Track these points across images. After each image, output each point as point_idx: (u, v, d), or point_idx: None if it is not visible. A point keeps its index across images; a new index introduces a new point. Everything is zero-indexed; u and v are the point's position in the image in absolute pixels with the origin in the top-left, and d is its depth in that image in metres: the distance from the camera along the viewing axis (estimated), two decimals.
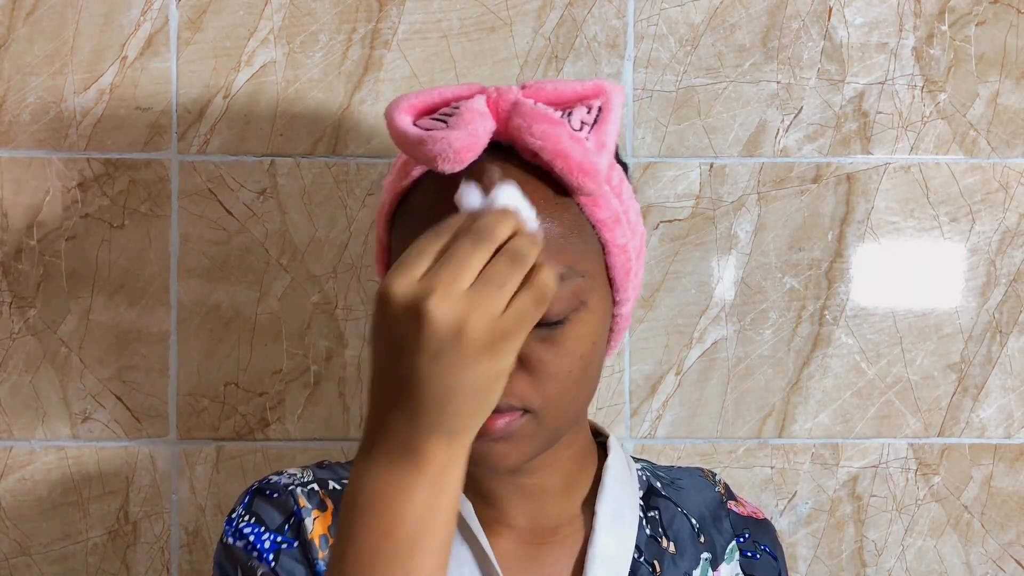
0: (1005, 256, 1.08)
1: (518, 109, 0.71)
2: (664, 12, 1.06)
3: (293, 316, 1.06)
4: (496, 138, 0.72)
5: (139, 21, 1.05)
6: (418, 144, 0.70)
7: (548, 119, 0.70)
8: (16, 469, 1.05)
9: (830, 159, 1.08)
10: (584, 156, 0.69)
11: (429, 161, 0.70)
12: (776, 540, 0.90)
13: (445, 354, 0.58)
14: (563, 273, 0.70)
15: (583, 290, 0.72)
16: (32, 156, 1.05)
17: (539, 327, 0.70)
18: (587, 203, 0.73)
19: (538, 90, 0.73)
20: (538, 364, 0.71)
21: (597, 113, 0.72)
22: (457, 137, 0.69)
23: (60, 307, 1.05)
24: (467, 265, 0.59)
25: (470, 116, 0.70)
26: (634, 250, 0.77)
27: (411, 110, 0.74)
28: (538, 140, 0.69)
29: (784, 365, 1.08)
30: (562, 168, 0.70)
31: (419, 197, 0.74)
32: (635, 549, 0.81)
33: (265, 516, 0.79)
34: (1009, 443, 1.09)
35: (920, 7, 1.07)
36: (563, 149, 0.69)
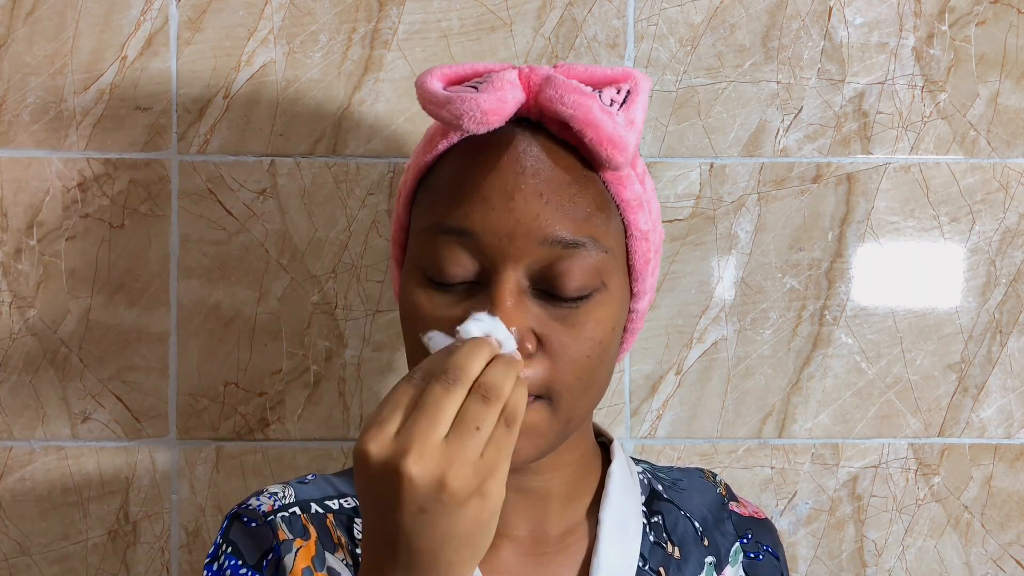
0: (1005, 256, 1.08)
1: (550, 81, 0.71)
2: (664, 12, 1.06)
3: (293, 316, 1.06)
4: (525, 114, 0.73)
5: (139, 21, 1.05)
6: (446, 103, 0.70)
7: (579, 91, 0.70)
8: (16, 469, 1.05)
9: (830, 159, 1.08)
10: (614, 128, 0.70)
11: (456, 119, 0.69)
12: (777, 540, 0.89)
13: (430, 509, 0.58)
14: (585, 243, 0.71)
15: (605, 268, 0.72)
16: (32, 156, 1.05)
17: (558, 304, 0.70)
18: (613, 181, 0.73)
19: (569, 69, 0.74)
20: (558, 346, 0.71)
21: (626, 95, 0.73)
22: (485, 99, 0.69)
23: (60, 307, 1.05)
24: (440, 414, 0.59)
25: (500, 84, 0.70)
26: (654, 243, 0.78)
27: (443, 78, 0.74)
28: (569, 109, 0.70)
29: (784, 365, 1.08)
30: (592, 138, 0.70)
31: (442, 170, 0.74)
32: (640, 557, 0.80)
33: (243, 548, 0.77)
34: (1009, 443, 1.09)
35: (920, 7, 1.07)
36: (594, 119, 0.70)
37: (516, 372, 0.63)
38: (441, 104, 0.70)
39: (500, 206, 0.70)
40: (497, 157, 0.71)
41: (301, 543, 0.77)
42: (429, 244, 0.72)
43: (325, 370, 1.06)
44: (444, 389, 0.60)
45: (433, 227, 0.72)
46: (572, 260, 0.70)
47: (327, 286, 1.06)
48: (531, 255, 0.70)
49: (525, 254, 0.70)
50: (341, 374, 1.06)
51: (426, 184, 0.76)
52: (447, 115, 0.70)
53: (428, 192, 0.75)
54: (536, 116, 0.73)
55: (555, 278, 0.70)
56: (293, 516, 0.78)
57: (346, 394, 1.06)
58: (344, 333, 1.06)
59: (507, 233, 0.70)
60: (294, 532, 0.77)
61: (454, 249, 0.71)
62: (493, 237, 0.70)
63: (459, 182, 0.72)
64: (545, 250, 0.70)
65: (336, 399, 1.06)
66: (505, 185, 0.70)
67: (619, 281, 0.74)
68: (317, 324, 1.06)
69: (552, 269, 0.70)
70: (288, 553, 0.76)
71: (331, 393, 1.06)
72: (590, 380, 0.73)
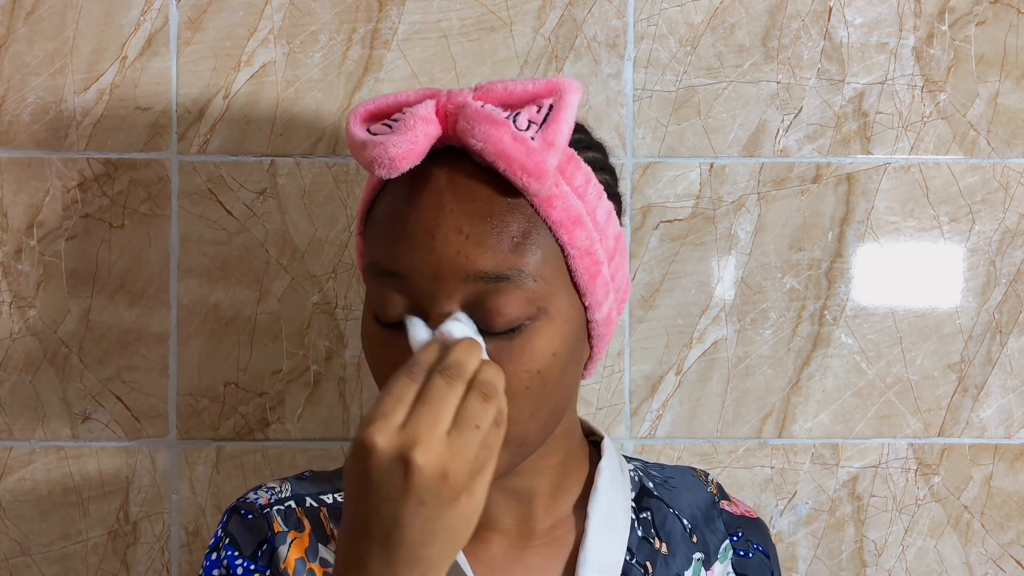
0: (1005, 256, 1.08)
1: (464, 111, 0.70)
2: (664, 12, 1.06)
3: (293, 316, 1.06)
4: (448, 142, 0.72)
5: (139, 21, 1.05)
6: (360, 148, 0.71)
7: (491, 119, 0.69)
8: (16, 469, 1.05)
9: (830, 159, 1.08)
10: (527, 156, 0.68)
11: (368, 166, 0.70)
12: (769, 539, 0.89)
13: (429, 501, 0.60)
14: (511, 275, 0.69)
15: (537, 295, 0.70)
16: (32, 156, 1.05)
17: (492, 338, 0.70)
18: (541, 204, 0.71)
19: (488, 91, 0.72)
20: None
21: (547, 111, 0.70)
22: (394, 143, 0.69)
23: (60, 307, 1.05)
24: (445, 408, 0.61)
25: (412, 122, 0.70)
26: (604, 252, 0.75)
27: (364, 115, 0.75)
28: (479, 142, 0.69)
29: (784, 365, 1.08)
30: (504, 169, 0.69)
31: (379, 207, 0.75)
32: (627, 551, 0.81)
33: (240, 540, 0.79)
34: (1009, 443, 1.09)
35: (920, 7, 1.07)
36: (504, 149, 0.68)
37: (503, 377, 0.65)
38: (358, 149, 0.71)
39: (423, 246, 0.70)
40: (419, 194, 0.71)
41: (295, 535, 0.79)
42: (371, 283, 0.73)
43: (325, 370, 1.06)
44: (447, 384, 0.62)
45: (371, 267, 0.73)
46: (499, 294, 0.69)
47: (327, 286, 1.06)
48: (458, 292, 0.69)
49: (452, 292, 0.69)
50: (341, 374, 1.06)
51: (370, 219, 0.76)
52: (362, 161, 0.70)
53: (372, 226, 0.75)
54: (458, 144, 0.72)
55: (485, 314, 0.69)
56: (288, 509, 0.80)
57: (346, 394, 1.06)
58: (344, 333, 1.06)
59: (431, 273, 0.69)
60: (289, 524, 0.79)
61: (390, 290, 0.71)
62: (420, 278, 0.70)
63: (389, 222, 0.72)
64: (470, 286, 0.69)
65: (336, 399, 1.06)
66: (426, 224, 0.70)
67: (563, 301, 0.72)
68: (317, 324, 1.06)
69: (482, 305, 0.69)
70: (282, 544, 0.79)
71: (331, 393, 1.06)
72: (536, 406, 0.72)
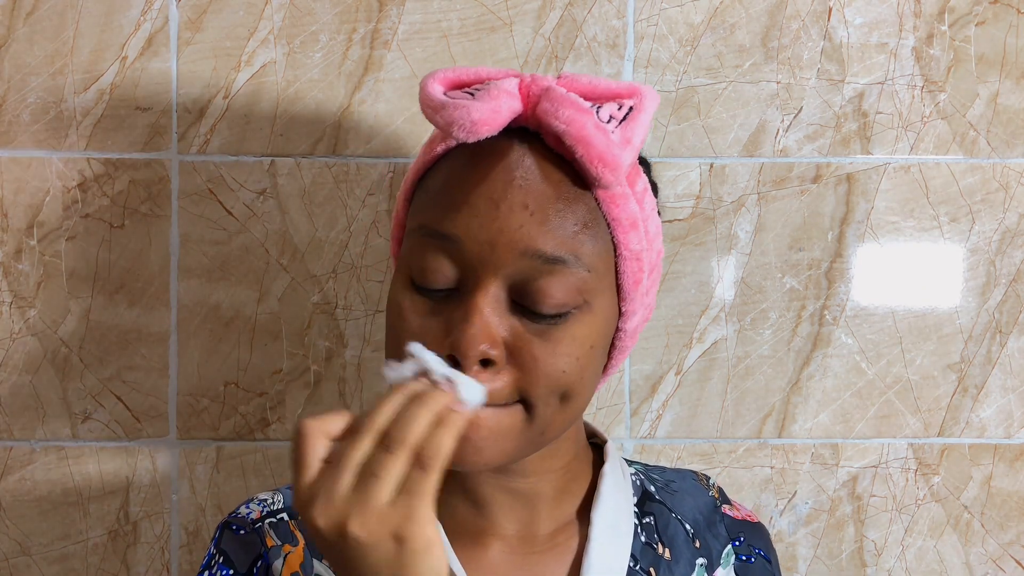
0: (1005, 256, 1.08)
1: (548, 94, 0.70)
2: (664, 12, 1.06)
3: (293, 316, 1.06)
4: (524, 123, 0.72)
5: (139, 21, 1.05)
6: (439, 108, 0.70)
7: (576, 105, 0.69)
8: (16, 469, 1.05)
9: (830, 159, 1.08)
10: (606, 147, 0.69)
11: (447, 127, 0.69)
12: (770, 544, 0.89)
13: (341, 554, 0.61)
14: (567, 260, 0.70)
15: (587, 287, 0.71)
16: (32, 156, 1.05)
17: (536, 320, 0.70)
18: (605, 199, 0.72)
19: (572, 81, 0.73)
20: (530, 360, 0.70)
21: (627, 111, 0.71)
22: (477, 108, 0.68)
23: (60, 307, 1.05)
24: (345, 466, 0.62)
25: (496, 93, 0.70)
26: (648, 262, 0.75)
27: (444, 81, 0.74)
28: (563, 124, 0.69)
29: (784, 365, 1.08)
30: (583, 155, 0.69)
31: (438, 173, 0.74)
32: (631, 557, 0.80)
33: (235, 557, 0.79)
34: (1009, 443, 1.09)
35: (920, 7, 1.07)
36: (586, 135, 0.68)
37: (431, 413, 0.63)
38: (436, 109, 0.70)
39: (485, 214, 0.69)
40: (488, 165, 0.71)
41: (289, 549, 0.78)
42: (416, 246, 0.72)
43: (325, 370, 1.06)
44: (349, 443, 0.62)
45: (420, 229, 0.72)
46: (552, 276, 0.69)
47: (327, 286, 1.06)
48: (511, 266, 0.69)
49: (505, 264, 0.69)
50: (341, 374, 1.06)
51: (422, 185, 0.75)
52: (440, 121, 0.70)
53: (423, 193, 0.75)
54: (534, 127, 0.72)
55: (534, 294, 0.69)
56: (281, 522, 0.80)
57: (346, 394, 1.06)
58: (344, 333, 1.06)
59: (489, 241, 0.69)
60: (282, 538, 0.79)
61: (437, 254, 0.71)
62: (475, 244, 0.69)
63: (449, 187, 0.72)
64: (525, 263, 0.69)
65: (336, 399, 1.06)
66: (492, 193, 0.70)
67: (605, 300, 0.73)
68: (317, 324, 1.06)
69: (531, 284, 0.69)
70: (277, 559, 0.78)
71: (331, 393, 1.06)
72: (566, 394, 0.72)
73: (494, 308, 0.69)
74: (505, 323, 0.70)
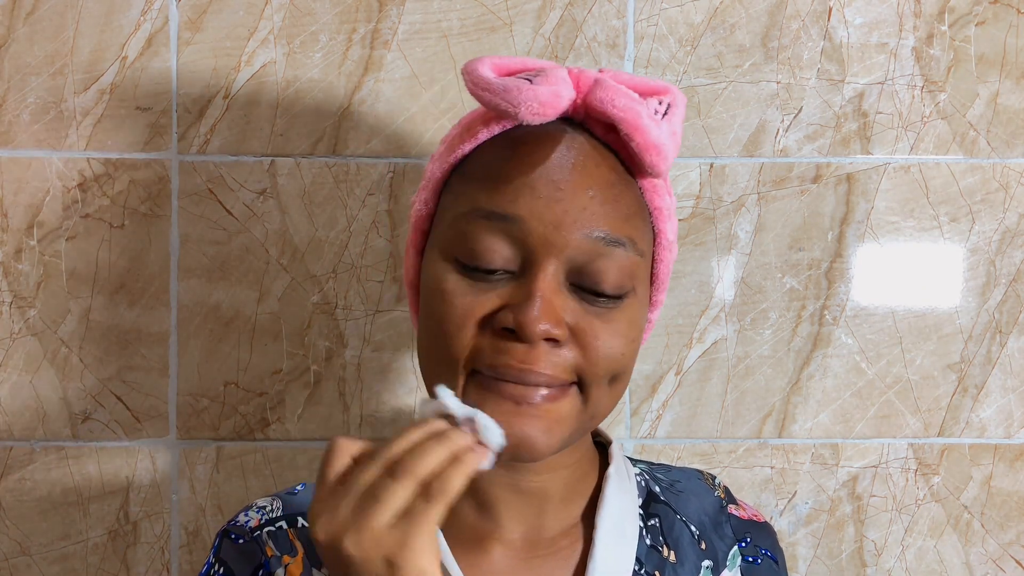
0: (1005, 256, 1.08)
1: (601, 84, 0.72)
2: (664, 12, 1.06)
3: (293, 316, 1.06)
4: (572, 114, 0.74)
5: (139, 21, 1.05)
6: (502, 91, 0.70)
7: (630, 96, 0.71)
8: (16, 469, 1.05)
9: (830, 159, 1.08)
10: (659, 136, 0.71)
11: (514, 108, 0.69)
12: (776, 543, 0.89)
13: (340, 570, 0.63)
14: (625, 243, 0.71)
15: (637, 271, 0.73)
16: (32, 156, 1.05)
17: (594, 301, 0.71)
18: (648, 188, 0.75)
19: (616, 75, 0.75)
20: (592, 339, 0.71)
21: (667, 108, 0.73)
22: (543, 91, 0.69)
23: (60, 307, 1.05)
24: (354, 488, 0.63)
25: (555, 79, 0.71)
26: (673, 255, 0.79)
27: (494, 67, 0.74)
28: (620, 112, 0.70)
29: (784, 365, 1.08)
30: (639, 143, 0.71)
31: (483, 158, 0.74)
32: (635, 561, 0.79)
33: (235, 567, 0.79)
34: (1009, 443, 1.09)
35: (920, 7, 1.07)
36: (643, 124, 0.70)
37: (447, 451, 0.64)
38: (496, 92, 0.70)
39: (548, 195, 0.70)
40: (545, 149, 0.72)
41: (289, 559, 0.78)
42: (467, 229, 0.72)
43: (325, 370, 1.06)
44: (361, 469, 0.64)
45: (473, 212, 0.72)
46: (611, 258, 0.71)
47: (327, 286, 1.06)
48: (573, 247, 0.70)
49: (568, 246, 0.70)
50: (341, 374, 1.06)
51: (462, 171, 0.75)
52: (502, 103, 0.69)
53: (466, 178, 0.74)
54: (581, 117, 0.74)
55: (594, 274, 0.71)
56: (280, 531, 0.80)
57: (346, 394, 1.06)
58: (344, 333, 1.06)
59: (553, 222, 0.70)
60: (281, 548, 0.78)
61: (494, 235, 0.71)
62: (539, 224, 0.70)
63: (504, 169, 0.72)
64: (588, 244, 0.70)
65: (336, 399, 1.06)
66: (553, 176, 0.71)
67: (645, 288, 0.76)
68: (317, 324, 1.06)
69: (591, 265, 0.71)
70: (278, 568, 0.78)
71: (331, 393, 1.06)
72: (618, 377, 0.74)
73: (556, 288, 0.70)
74: (567, 304, 0.71)
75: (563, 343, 0.70)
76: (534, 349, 0.69)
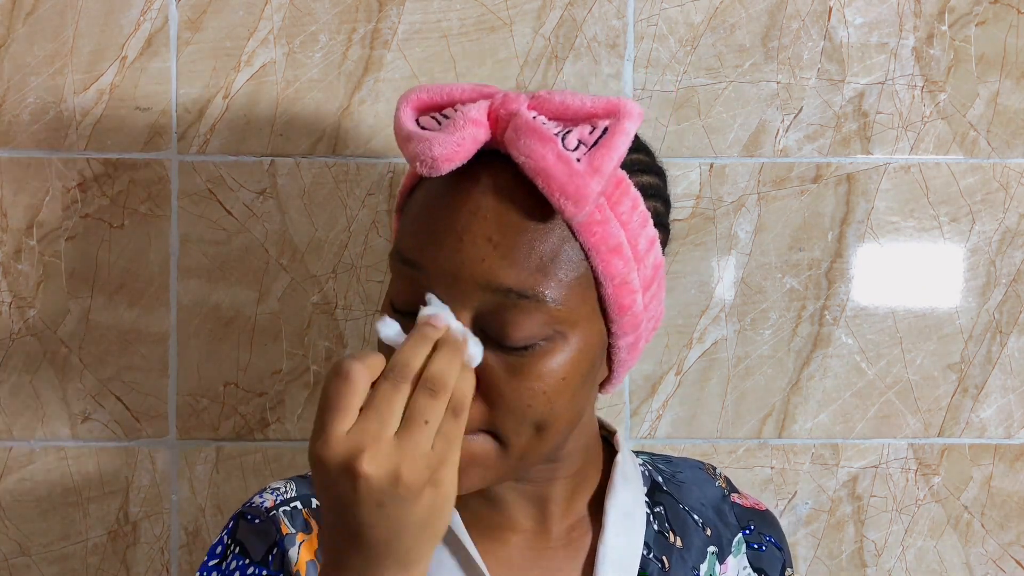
0: (1005, 256, 1.08)
1: (514, 120, 0.68)
2: (664, 12, 1.06)
3: (293, 316, 1.06)
4: (496, 147, 0.70)
5: (139, 21, 1.05)
6: (405, 141, 0.69)
7: (538, 134, 0.67)
8: (16, 469, 1.05)
9: (830, 159, 1.08)
10: (569, 178, 0.66)
11: (411, 162, 0.68)
12: (779, 530, 0.90)
13: (387, 503, 0.60)
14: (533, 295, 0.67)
15: (559, 318, 0.68)
16: (32, 156, 1.05)
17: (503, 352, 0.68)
18: (579, 227, 0.69)
19: (545, 102, 0.69)
20: (495, 395, 0.68)
21: (600, 134, 0.67)
22: (440, 142, 0.67)
23: (60, 307, 1.05)
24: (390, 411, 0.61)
25: (462, 123, 0.68)
26: (639, 281, 0.72)
27: (417, 104, 0.72)
28: (522, 155, 0.66)
29: (784, 365, 1.08)
30: (543, 187, 0.66)
31: (416, 196, 0.74)
32: (644, 546, 0.80)
33: (250, 546, 0.77)
34: (1009, 443, 1.09)
35: (920, 7, 1.07)
36: (545, 167, 0.66)
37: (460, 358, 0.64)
38: (402, 141, 0.70)
39: (449, 246, 0.68)
40: (455, 194, 0.69)
41: (304, 537, 0.78)
42: (393, 269, 0.72)
43: (325, 370, 1.06)
44: (392, 386, 0.61)
45: (396, 253, 0.72)
46: (518, 311, 0.67)
47: (327, 286, 1.06)
48: (475, 299, 0.67)
49: (469, 297, 0.67)
50: None
51: (407, 204, 0.75)
52: (406, 154, 0.69)
53: (404, 216, 0.74)
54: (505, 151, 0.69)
55: (500, 327, 0.67)
56: (295, 510, 0.79)
57: None
58: (344, 333, 1.06)
59: (452, 274, 0.68)
60: (296, 526, 0.78)
61: (406, 279, 0.70)
62: (440, 276, 0.68)
63: (421, 213, 0.71)
64: (489, 296, 0.67)
65: None
66: (455, 225, 0.68)
67: (585, 328, 0.70)
68: (317, 324, 1.06)
69: (497, 317, 0.67)
70: (292, 547, 0.77)
71: None
72: (541, 424, 0.70)
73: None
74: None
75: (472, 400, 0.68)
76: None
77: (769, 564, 0.86)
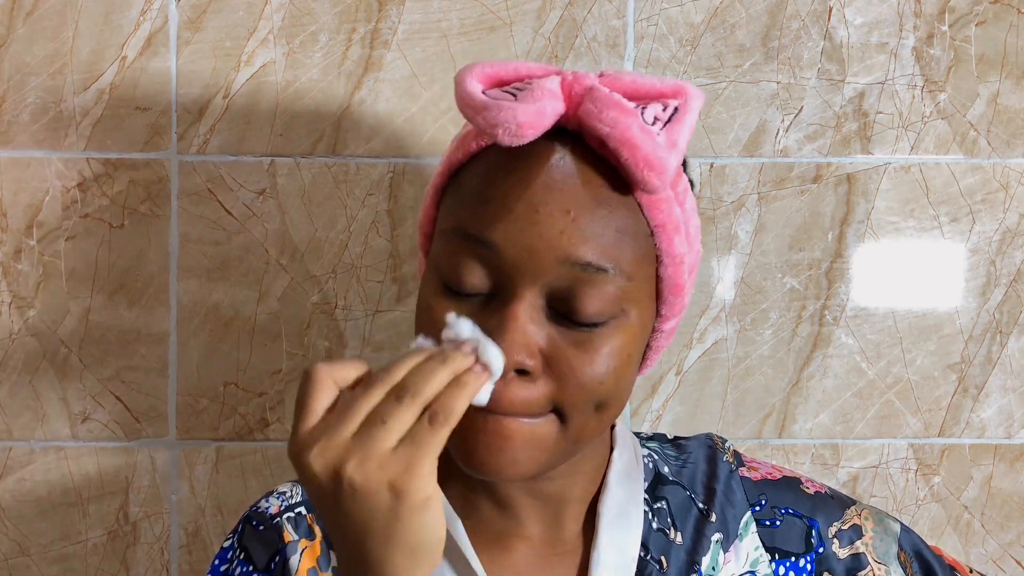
0: (1005, 256, 1.08)
1: (591, 94, 0.67)
2: (664, 12, 1.06)
3: (293, 316, 1.06)
4: (564, 123, 0.69)
5: (139, 21, 1.05)
6: (482, 110, 0.66)
7: (620, 107, 0.66)
8: (16, 469, 1.05)
9: (830, 159, 1.08)
10: (652, 149, 0.66)
11: (491, 129, 0.66)
12: (800, 496, 0.84)
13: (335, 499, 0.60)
14: (608, 268, 0.67)
15: (626, 295, 0.69)
16: (32, 156, 1.05)
17: (573, 328, 0.68)
18: (647, 204, 0.70)
19: (615, 80, 0.70)
20: (567, 370, 0.68)
21: (672, 112, 0.68)
22: (523, 111, 0.65)
23: (60, 307, 1.05)
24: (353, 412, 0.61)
25: (540, 94, 0.67)
26: (689, 264, 0.74)
27: (483, 78, 0.70)
28: (607, 127, 0.66)
29: (784, 365, 1.08)
30: (627, 158, 0.66)
31: (472, 172, 0.71)
32: (641, 547, 0.78)
33: (253, 553, 0.78)
34: (1009, 443, 1.09)
35: (920, 7, 1.07)
36: (631, 138, 0.66)
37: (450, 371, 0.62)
38: (477, 110, 0.67)
39: (524, 219, 0.67)
40: (527, 168, 0.68)
41: (306, 543, 0.78)
42: (449, 248, 0.70)
43: None
44: (363, 389, 0.62)
45: (454, 230, 0.70)
46: (592, 285, 0.67)
47: (327, 286, 1.06)
48: (550, 274, 0.67)
49: (544, 272, 0.67)
50: None
51: (456, 182, 0.73)
52: (482, 122, 0.66)
53: (456, 192, 0.72)
54: (575, 128, 0.69)
55: (572, 301, 0.67)
56: (299, 516, 0.79)
57: None
58: (344, 333, 1.06)
59: (527, 248, 0.67)
60: (299, 533, 0.78)
61: (471, 259, 0.69)
62: (513, 250, 0.67)
63: (485, 188, 0.69)
64: (565, 270, 0.67)
65: None
66: (531, 198, 0.67)
67: (643, 307, 0.71)
68: (317, 324, 1.06)
69: (570, 292, 0.67)
70: (294, 554, 0.77)
71: None
72: (602, 403, 0.70)
73: (531, 317, 0.67)
74: (542, 332, 0.68)
75: (535, 375, 0.68)
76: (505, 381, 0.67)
77: (785, 539, 0.81)
